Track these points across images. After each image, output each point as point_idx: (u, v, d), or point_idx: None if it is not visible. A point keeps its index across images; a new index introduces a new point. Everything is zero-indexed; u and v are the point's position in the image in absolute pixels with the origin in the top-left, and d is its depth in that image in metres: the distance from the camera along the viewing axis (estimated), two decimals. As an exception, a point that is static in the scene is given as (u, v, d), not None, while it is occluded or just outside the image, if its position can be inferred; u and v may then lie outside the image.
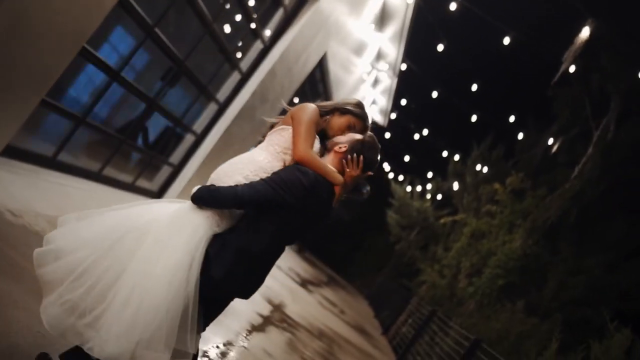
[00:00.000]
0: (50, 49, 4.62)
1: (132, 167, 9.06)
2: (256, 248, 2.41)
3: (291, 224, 2.47)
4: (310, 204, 2.47)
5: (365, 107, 2.96)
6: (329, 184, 2.54)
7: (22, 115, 4.89)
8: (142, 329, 2.18)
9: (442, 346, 10.08)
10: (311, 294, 13.04)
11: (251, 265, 2.42)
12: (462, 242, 16.76)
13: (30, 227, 4.19)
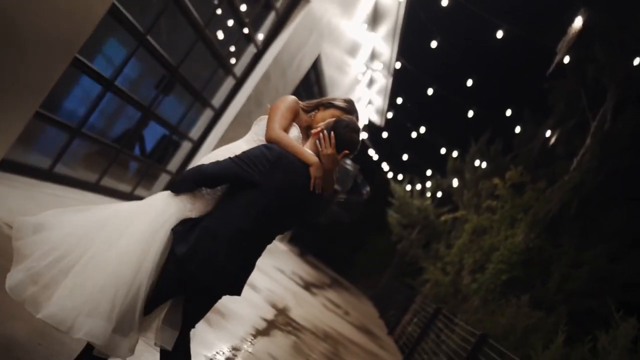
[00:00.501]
0: (41, 61, 4.60)
1: (130, 177, 9.03)
2: (224, 230, 2.36)
3: (263, 205, 2.38)
4: (277, 179, 2.39)
5: (355, 104, 2.92)
6: (301, 163, 2.46)
7: (16, 129, 4.86)
8: (86, 298, 2.23)
9: (448, 344, 10.04)
10: (315, 297, 13.01)
11: (217, 246, 2.35)
12: (463, 238, 16.72)
13: (29, 240, 4.15)
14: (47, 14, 4.36)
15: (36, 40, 4.41)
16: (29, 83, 4.63)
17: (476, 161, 20.16)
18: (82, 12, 4.71)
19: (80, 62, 5.40)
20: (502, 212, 15.58)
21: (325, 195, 2.58)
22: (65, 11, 4.51)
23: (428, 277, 18.09)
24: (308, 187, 2.46)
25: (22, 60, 4.39)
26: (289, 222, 2.55)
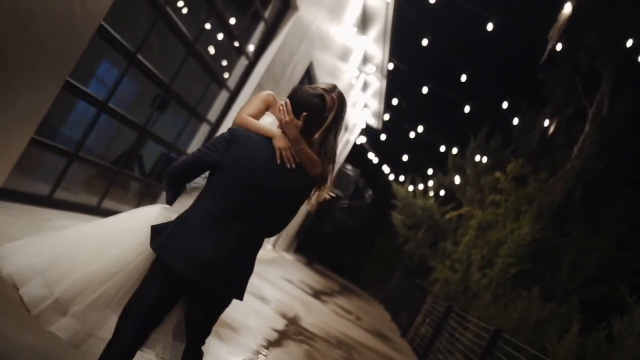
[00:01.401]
0: (33, 87, 4.58)
1: (131, 197, 9.01)
2: (193, 214, 2.36)
3: (228, 185, 2.34)
4: (234, 154, 2.35)
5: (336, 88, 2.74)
6: (262, 138, 2.41)
7: (12, 157, 4.84)
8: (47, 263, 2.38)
9: (463, 341, 9.97)
10: (325, 304, 12.94)
11: (185, 230, 2.32)
12: (470, 235, 16.64)
13: (32, 267, 4.11)
14: (35, 40, 4.35)
15: (26, 66, 4.39)
16: (21, 110, 4.61)
17: (476, 156, 20.11)
18: (70, 35, 4.69)
19: (72, 86, 5.38)
20: (507, 206, 15.52)
21: (311, 171, 2.45)
22: (53, 36, 4.50)
23: (437, 276, 18.01)
24: (275, 162, 2.38)
25: (13, 88, 4.37)
26: (273, 208, 2.42)
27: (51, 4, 4.30)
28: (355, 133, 26.38)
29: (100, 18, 5.00)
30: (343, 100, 2.61)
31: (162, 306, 2.40)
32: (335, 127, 2.57)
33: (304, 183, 2.47)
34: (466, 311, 12.60)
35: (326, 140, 2.53)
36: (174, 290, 2.38)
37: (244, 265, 2.43)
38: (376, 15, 14.23)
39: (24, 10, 4.08)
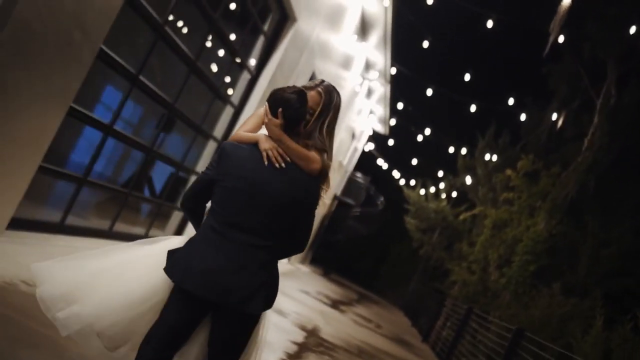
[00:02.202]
0: (37, 114, 4.60)
1: (143, 219, 9.03)
2: (198, 233, 2.39)
3: (225, 197, 2.34)
4: (225, 166, 2.35)
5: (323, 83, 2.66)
6: (249, 146, 2.41)
7: (21, 186, 4.85)
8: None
9: (485, 343, 9.85)
10: (344, 314, 12.85)
11: (191, 248, 2.34)
12: (485, 234, 16.51)
13: (46, 295, 4.10)
14: (36, 67, 4.36)
15: (28, 94, 4.41)
16: (27, 138, 4.62)
17: (486, 155, 19.99)
18: (71, 61, 4.71)
19: (77, 111, 5.39)
20: (520, 203, 15.40)
21: (306, 167, 2.39)
22: (54, 62, 4.52)
23: (455, 279, 17.86)
24: (264, 165, 2.35)
25: (16, 116, 4.39)
26: (273, 212, 2.35)
27: (50, 30, 4.32)
28: (362, 140, 26.35)
29: (100, 42, 5.02)
30: (331, 92, 2.57)
31: (181, 329, 2.36)
32: (323, 119, 2.53)
33: (301, 181, 2.40)
34: (487, 312, 12.47)
35: (314, 132, 2.49)
36: (191, 312, 2.36)
37: (253, 276, 2.33)
38: (375, 21, 14.24)
39: (24, 38, 4.10)
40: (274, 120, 2.41)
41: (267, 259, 2.39)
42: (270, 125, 2.42)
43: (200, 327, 2.45)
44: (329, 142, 2.55)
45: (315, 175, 2.43)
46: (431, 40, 13.91)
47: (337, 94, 2.62)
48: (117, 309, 2.35)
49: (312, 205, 2.45)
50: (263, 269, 2.36)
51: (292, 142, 2.40)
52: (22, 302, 3.77)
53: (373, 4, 13.31)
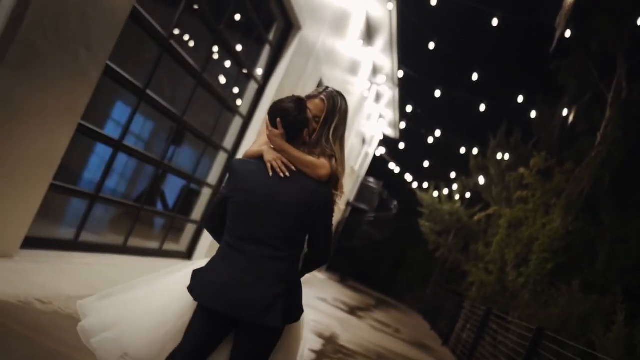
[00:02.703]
0: (46, 132, 4.63)
1: (157, 233, 9.06)
2: (217, 252, 2.40)
3: (236, 212, 2.35)
4: (235, 181, 2.38)
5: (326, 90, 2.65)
6: (256, 159, 2.43)
7: (33, 205, 4.88)
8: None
9: (506, 344, 9.74)
10: (362, 320, 12.79)
11: (209, 266, 2.38)
12: (501, 234, 16.37)
13: (62, 311, 4.12)
14: (44, 86, 4.40)
15: (37, 113, 4.44)
16: (37, 157, 4.65)
17: (498, 155, 19.86)
18: (78, 78, 4.75)
19: (86, 128, 5.43)
20: (535, 201, 15.26)
21: (314, 173, 2.37)
22: (61, 80, 4.55)
23: (472, 280, 17.71)
24: (269, 176, 2.35)
25: (26, 135, 4.42)
26: (284, 221, 2.33)
27: (56, 49, 4.36)
28: (373, 145, 26.31)
29: (106, 58, 5.06)
30: (335, 98, 2.56)
31: (204, 344, 2.36)
32: (329, 125, 2.52)
33: (309, 188, 2.36)
34: (506, 312, 12.34)
35: (321, 139, 2.48)
36: (212, 327, 2.35)
37: (269, 289, 2.30)
38: (380, 25, 14.23)
39: (30, 58, 4.14)
40: (274, 131, 2.41)
41: (285, 270, 2.34)
42: (272, 136, 2.42)
43: (225, 343, 2.44)
44: (339, 148, 2.53)
45: (324, 181, 2.39)
46: (437, 41, 13.87)
47: (341, 99, 2.60)
48: (150, 332, 2.39)
49: (324, 212, 2.40)
50: (281, 280, 2.32)
51: (294, 150, 2.39)
52: (37, 320, 3.78)
53: (377, 8, 13.31)
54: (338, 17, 11.70)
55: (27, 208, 4.80)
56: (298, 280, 2.44)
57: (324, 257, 2.49)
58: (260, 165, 2.40)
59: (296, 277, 2.43)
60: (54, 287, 4.63)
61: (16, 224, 4.75)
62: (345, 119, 2.62)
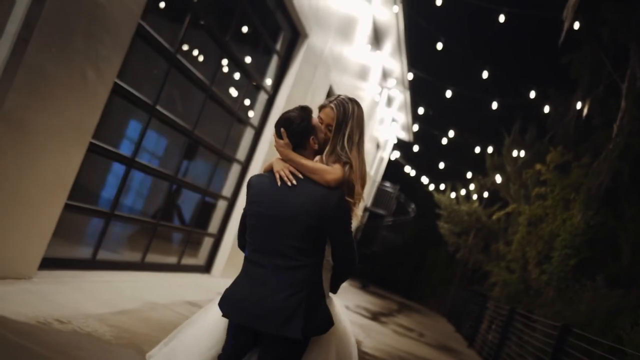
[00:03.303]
0: (58, 152, 4.66)
1: (174, 248, 9.08)
2: (241, 270, 2.45)
3: (252, 226, 2.40)
4: (250, 195, 2.45)
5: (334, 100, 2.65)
6: (268, 173, 2.48)
7: (49, 226, 4.91)
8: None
9: (532, 343, 9.59)
10: (384, 325, 12.69)
11: (235, 284, 2.43)
12: (521, 232, 16.16)
13: (81, 330, 4.13)
14: (53, 108, 4.43)
15: (48, 134, 4.47)
16: (51, 177, 4.69)
17: (514, 152, 19.66)
18: (87, 98, 4.78)
19: (97, 147, 5.46)
20: (553, 197, 15.06)
21: (321, 180, 2.36)
22: (70, 101, 4.58)
23: (495, 280, 17.51)
24: (279, 187, 2.38)
25: (38, 157, 4.45)
26: (297, 230, 2.31)
27: (63, 70, 4.39)
28: (388, 149, 26.24)
29: (114, 76, 5.09)
30: (345, 104, 2.54)
31: (232, 356, 2.41)
32: (342, 131, 2.50)
33: (318, 194, 2.34)
34: (530, 311, 12.16)
35: (336, 147, 2.47)
36: (239, 339, 2.40)
37: (287, 299, 2.28)
38: (387, 28, 14.21)
39: (37, 80, 4.17)
40: (279, 141, 2.45)
41: (302, 279, 2.32)
42: (278, 147, 2.46)
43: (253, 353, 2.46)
44: (356, 154, 2.49)
45: (333, 186, 2.37)
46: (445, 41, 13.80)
47: (353, 104, 2.57)
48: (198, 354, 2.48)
49: (336, 218, 2.36)
50: (300, 290, 2.30)
51: (301, 158, 2.41)
52: (57, 341, 3.79)
53: (383, 12, 13.30)
54: (344, 23, 11.70)
55: (42, 229, 4.83)
56: (321, 290, 2.40)
57: (348, 265, 2.45)
58: (271, 177, 2.42)
59: (318, 287, 2.39)
60: (73, 306, 4.65)
61: (33, 246, 4.78)
62: (360, 124, 2.59)
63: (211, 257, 9.55)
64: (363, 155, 2.55)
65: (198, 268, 9.19)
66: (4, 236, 4.40)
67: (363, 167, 2.52)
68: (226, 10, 7.73)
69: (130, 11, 4.97)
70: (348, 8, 11.55)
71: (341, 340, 2.52)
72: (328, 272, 2.49)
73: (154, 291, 6.42)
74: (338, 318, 2.53)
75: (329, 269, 2.48)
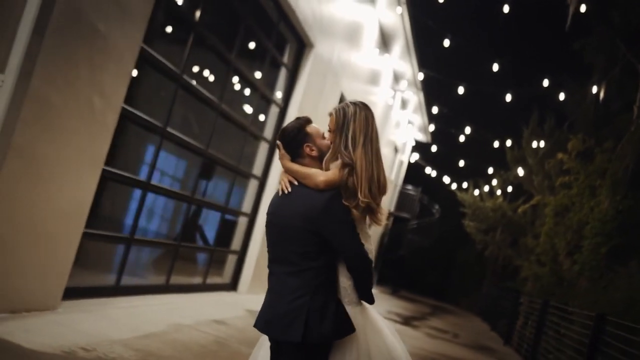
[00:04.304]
0: (72, 183, 4.69)
1: (199, 268, 9.10)
2: None
3: (267, 239, 2.50)
4: (268, 209, 2.54)
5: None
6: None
7: (69, 255, 4.94)
8: None
9: (570, 336, 9.36)
10: (417, 329, 12.53)
11: (265, 295, 2.47)
12: (548, 223, 15.86)
13: (106, 356, 4.13)
14: (62, 138, 4.46)
15: (61, 165, 4.50)
16: (66, 207, 4.71)
17: (534, 143, 19.37)
18: (96, 126, 4.82)
19: (111, 173, 5.49)
20: (578, 185, 14.77)
21: (311, 183, 2.37)
22: (79, 130, 4.62)
23: (526, 274, 17.21)
24: (280, 197, 2.46)
25: (53, 189, 4.49)
26: (295, 234, 2.36)
27: (70, 100, 4.43)
28: (406, 152, 26.09)
29: (121, 102, 5.12)
30: (344, 108, 2.51)
31: None
32: (345, 134, 2.46)
33: (309, 199, 2.35)
34: (565, 303, 11.90)
35: (338, 149, 2.45)
36: (271, 348, 2.44)
37: (290, 304, 2.30)
38: (394, 31, 14.16)
39: (45, 111, 4.21)
40: (279, 153, 2.53)
41: (305, 283, 2.32)
42: (279, 159, 2.55)
43: None
44: (362, 154, 2.42)
45: (322, 188, 2.35)
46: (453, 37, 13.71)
47: (355, 107, 2.52)
48: None
49: (325, 219, 2.32)
50: (302, 294, 2.30)
51: (294, 165, 2.46)
52: (81, 369, 3.79)
53: (388, 15, 13.26)
54: (350, 29, 11.69)
55: (62, 259, 4.86)
56: (330, 293, 2.35)
57: (357, 272, 2.37)
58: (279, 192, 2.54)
59: (325, 289, 2.34)
60: (98, 333, 4.66)
61: (54, 277, 4.81)
62: (365, 125, 2.50)
63: (236, 274, 9.54)
64: (375, 156, 2.47)
65: (224, 286, 9.18)
66: (24, 269, 4.43)
67: (375, 169, 2.44)
68: (230, 26, 7.76)
69: (131, 37, 5.00)
70: (352, 14, 11.53)
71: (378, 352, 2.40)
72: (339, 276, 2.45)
73: (180, 312, 6.42)
74: (373, 327, 2.44)
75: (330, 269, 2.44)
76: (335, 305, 2.33)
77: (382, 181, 2.45)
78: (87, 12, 4.34)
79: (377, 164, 2.46)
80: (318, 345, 2.28)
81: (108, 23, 4.61)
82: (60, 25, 4.10)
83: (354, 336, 2.33)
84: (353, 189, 2.37)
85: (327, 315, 2.29)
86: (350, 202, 2.37)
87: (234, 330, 6.26)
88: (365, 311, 2.45)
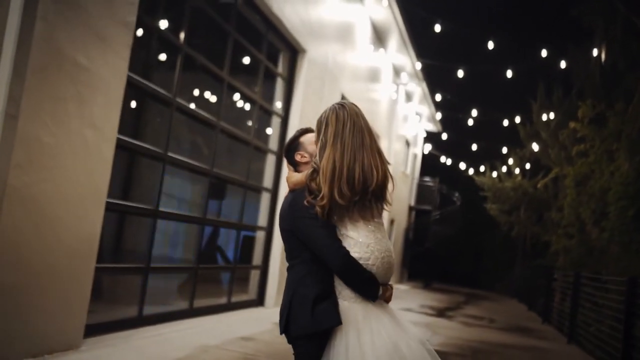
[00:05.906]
0: (76, 220, 4.68)
1: (222, 288, 9.05)
2: None
3: None
4: None
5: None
6: None
7: (84, 292, 4.92)
8: None
9: (608, 305, 9.14)
10: (452, 319, 12.35)
11: None
12: (570, 194, 15.59)
13: (132, 389, 4.09)
14: (61, 176, 4.45)
15: (63, 204, 4.49)
16: (75, 245, 4.70)
17: (544, 116, 19.11)
18: (93, 160, 4.81)
19: (115, 204, 5.49)
20: (595, 151, 14.51)
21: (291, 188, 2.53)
22: (76, 165, 4.61)
23: (555, 249, 16.92)
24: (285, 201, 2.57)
25: (58, 229, 4.47)
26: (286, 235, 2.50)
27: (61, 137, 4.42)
28: (419, 144, 25.93)
29: (115, 133, 5.11)
30: (323, 115, 2.51)
31: None
32: (322, 137, 2.44)
33: (285, 199, 2.55)
34: (598, 272, 11.65)
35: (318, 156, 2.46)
36: None
37: (284, 299, 2.44)
38: (387, 25, 14.10)
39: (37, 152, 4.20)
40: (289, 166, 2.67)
41: (293, 279, 2.43)
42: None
43: None
44: (332, 152, 2.36)
45: (290, 190, 2.52)
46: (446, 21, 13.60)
47: (330, 110, 2.50)
48: None
49: (289, 218, 2.44)
50: (289, 290, 2.42)
51: (288, 173, 2.62)
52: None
53: (378, 10, 13.21)
54: (342, 30, 11.64)
55: (78, 297, 4.84)
56: (311, 286, 2.35)
57: (334, 266, 2.33)
58: None
59: (306, 283, 2.36)
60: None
61: (73, 315, 4.79)
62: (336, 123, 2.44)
63: (261, 289, 9.50)
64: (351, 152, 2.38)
65: (250, 303, 9.14)
66: (41, 311, 4.42)
67: (346, 165, 2.34)
68: (217, 43, 7.75)
69: (116, 66, 4.99)
70: (342, 15, 11.49)
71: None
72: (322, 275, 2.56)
73: (206, 334, 6.38)
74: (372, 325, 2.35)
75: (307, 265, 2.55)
76: (319, 298, 2.33)
77: (357, 177, 2.34)
78: (66, 47, 4.34)
79: (352, 159, 2.37)
80: (304, 337, 2.33)
81: (89, 55, 4.60)
82: (40, 64, 4.10)
83: (342, 331, 2.30)
84: (317, 190, 2.38)
85: (305, 307, 2.32)
86: (317, 202, 2.36)
87: (261, 345, 6.21)
88: (369, 308, 2.37)
